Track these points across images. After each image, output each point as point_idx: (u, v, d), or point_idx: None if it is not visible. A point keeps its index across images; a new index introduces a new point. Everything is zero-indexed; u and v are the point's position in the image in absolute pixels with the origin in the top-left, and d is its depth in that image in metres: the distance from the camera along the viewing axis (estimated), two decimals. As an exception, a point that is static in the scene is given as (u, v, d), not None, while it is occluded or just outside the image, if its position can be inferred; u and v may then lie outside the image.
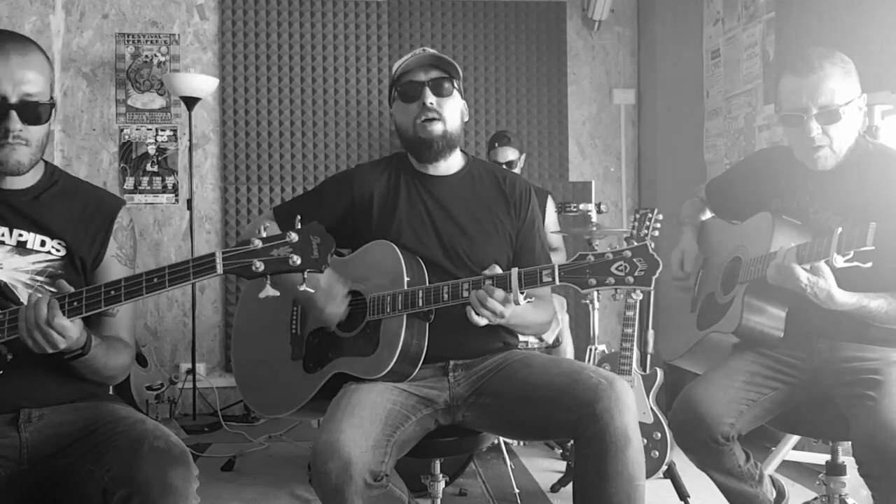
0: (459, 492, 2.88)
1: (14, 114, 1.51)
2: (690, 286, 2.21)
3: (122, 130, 4.46)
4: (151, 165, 4.46)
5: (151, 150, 4.47)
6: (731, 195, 2.20)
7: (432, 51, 1.97)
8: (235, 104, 4.49)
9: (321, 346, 1.92)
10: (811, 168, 1.94)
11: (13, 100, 1.51)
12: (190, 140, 4.35)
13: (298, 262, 1.37)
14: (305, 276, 1.41)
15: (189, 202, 4.31)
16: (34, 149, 1.57)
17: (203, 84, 4.16)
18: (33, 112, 1.53)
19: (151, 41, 4.46)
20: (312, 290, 1.54)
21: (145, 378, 3.91)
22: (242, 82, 4.49)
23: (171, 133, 4.49)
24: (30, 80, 1.53)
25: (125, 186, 4.44)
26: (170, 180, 4.48)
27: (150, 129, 4.47)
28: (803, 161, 1.96)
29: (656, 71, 4.49)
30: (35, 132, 1.55)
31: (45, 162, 1.68)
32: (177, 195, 4.48)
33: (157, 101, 4.48)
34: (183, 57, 4.49)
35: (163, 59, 4.47)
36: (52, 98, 1.58)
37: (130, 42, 4.45)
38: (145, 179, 4.46)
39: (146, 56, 4.46)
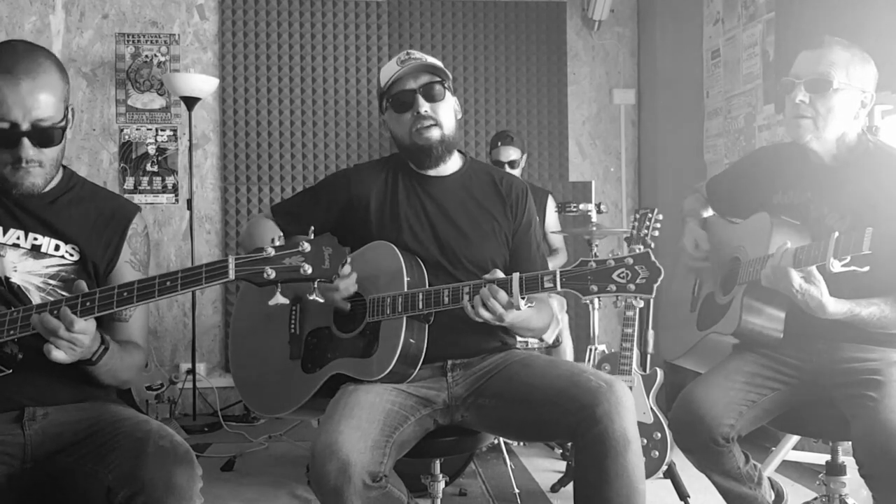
0: (459, 492, 2.88)
1: (26, 141, 1.51)
2: (708, 266, 2.17)
3: (122, 130, 4.46)
4: (151, 165, 4.46)
5: (151, 150, 4.47)
6: (731, 192, 2.20)
7: (417, 54, 1.95)
8: (235, 104, 4.49)
9: (320, 347, 1.92)
10: (793, 138, 1.94)
11: (24, 126, 1.50)
12: (190, 140, 4.35)
13: (310, 271, 1.39)
14: (315, 285, 1.43)
15: (189, 202, 4.32)
16: (48, 168, 1.58)
17: (203, 84, 4.16)
18: (46, 136, 1.53)
19: (151, 41, 4.46)
20: (322, 300, 1.55)
21: (145, 378, 3.91)
22: (242, 82, 4.49)
23: (171, 133, 4.49)
24: (41, 105, 1.51)
25: (125, 186, 4.44)
26: (170, 180, 4.48)
27: (150, 129, 4.47)
28: (788, 132, 1.96)
29: (656, 71, 4.49)
30: (49, 153, 1.57)
31: (64, 167, 1.70)
32: (177, 195, 4.48)
33: (157, 101, 4.48)
34: (183, 57, 4.49)
35: (163, 59, 4.47)
36: (66, 112, 1.58)
37: (130, 42, 4.45)
38: (145, 179, 4.46)
39: (146, 56, 4.46)
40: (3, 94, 1.48)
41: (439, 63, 1.96)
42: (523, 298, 1.68)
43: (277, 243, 1.41)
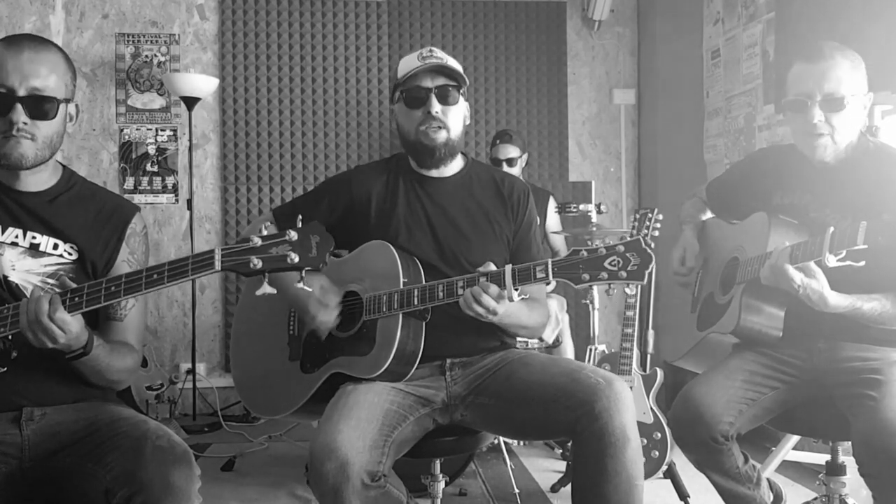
0: (459, 492, 2.88)
1: (20, 107, 1.52)
2: (691, 283, 2.20)
3: (122, 130, 4.46)
4: (151, 165, 4.46)
5: (151, 150, 4.47)
6: (731, 194, 2.20)
7: (439, 53, 1.95)
8: (235, 104, 4.49)
9: (318, 347, 1.92)
10: (809, 157, 1.93)
11: (20, 93, 1.52)
12: (190, 140, 4.35)
13: (297, 260, 1.37)
14: (303, 274, 1.41)
15: (189, 202, 4.32)
16: (40, 144, 1.57)
17: (203, 84, 4.16)
18: (40, 107, 1.54)
19: (151, 41, 4.46)
20: (310, 289, 1.55)
21: (145, 378, 3.91)
22: (242, 82, 4.49)
23: (171, 133, 4.49)
24: (39, 75, 1.53)
25: (125, 186, 4.44)
26: (170, 180, 4.48)
27: (150, 129, 4.47)
28: (802, 149, 1.95)
29: (656, 71, 4.49)
30: (42, 128, 1.56)
31: (63, 166, 1.70)
32: (177, 195, 4.48)
33: (157, 101, 4.48)
34: (183, 57, 4.49)
35: (163, 59, 4.47)
36: (67, 95, 1.59)
37: (130, 42, 4.45)
38: (145, 179, 4.46)
39: (146, 56, 4.46)
40: (4, 60, 1.51)
41: (459, 67, 1.95)
42: (516, 290, 1.68)
43: (265, 233, 1.40)
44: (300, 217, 1.43)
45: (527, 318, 1.90)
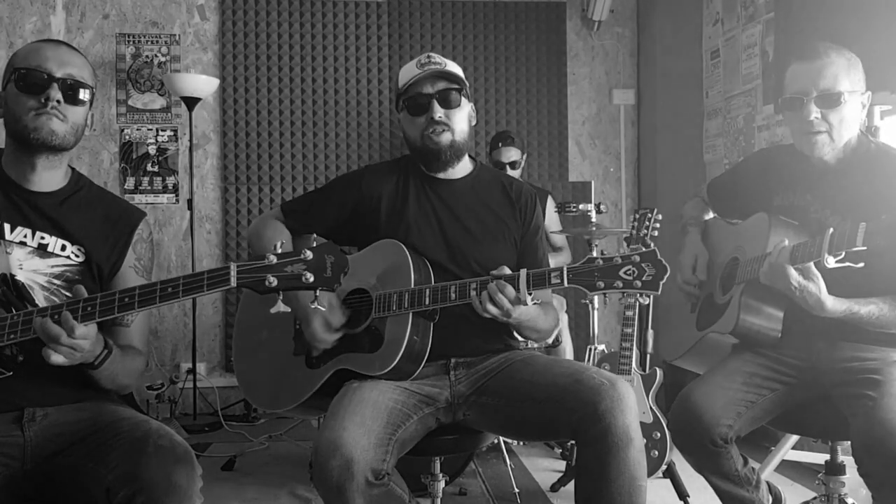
0: (459, 491, 2.88)
1: (56, 86, 1.59)
2: (698, 294, 2.17)
3: (122, 130, 4.46)
4: (152, 165, 4.47)
5: (152, 150, 4.47)
6: (732, 194, 2.20)
7: (437, 58, 1.96)
8: (235, 104, 4.50)
9: None
10: (809, 155, 1.93)
11: (58, 75, 1.60)
12: (190, 140, 4.36)
13: (311, 279, 1.39)
14: (317, 294, 1.43)
15: (189, 202, 4.32)
16: (69, 127, 1.61)
17: (203, 84, 4.17)
18: (74, 91, 1.61)
19: (152, 41, 4.47)
20: (325, 307, 1.56)
21: (146, 378, 3.91)
22: (242, 82, 4.50)
23: (172, 133, 4.49)
24: (77, 65, 1.63)
25: (125, 186, 4.44)
26: (170, 180, 4.48)
27: (151, 130, 4.48)
28: (801, 148, 1.95)
29: (656, 71, 4.50)
30: (72, 112, 1.61)
31: (73, 169, 1.73)
32: (177, 195, 4.49)
33: (158, 102, 4.48)
34: (183, 57, 4.49)
35: (163, 59, 4.47)
36: (92, 97, 1.67)
37: (131, 42, 4.45)
38: (146, 179, 4.46)
39: (147, 56, 4.46)
40: (45, 52, 1.62)
41: (458, 70, 1.97)
42: (530, 294, 1.69)
43: (280, 250, 1.41)
44: (315, 236, 1.45)
45: (543, 322, 1.90)
